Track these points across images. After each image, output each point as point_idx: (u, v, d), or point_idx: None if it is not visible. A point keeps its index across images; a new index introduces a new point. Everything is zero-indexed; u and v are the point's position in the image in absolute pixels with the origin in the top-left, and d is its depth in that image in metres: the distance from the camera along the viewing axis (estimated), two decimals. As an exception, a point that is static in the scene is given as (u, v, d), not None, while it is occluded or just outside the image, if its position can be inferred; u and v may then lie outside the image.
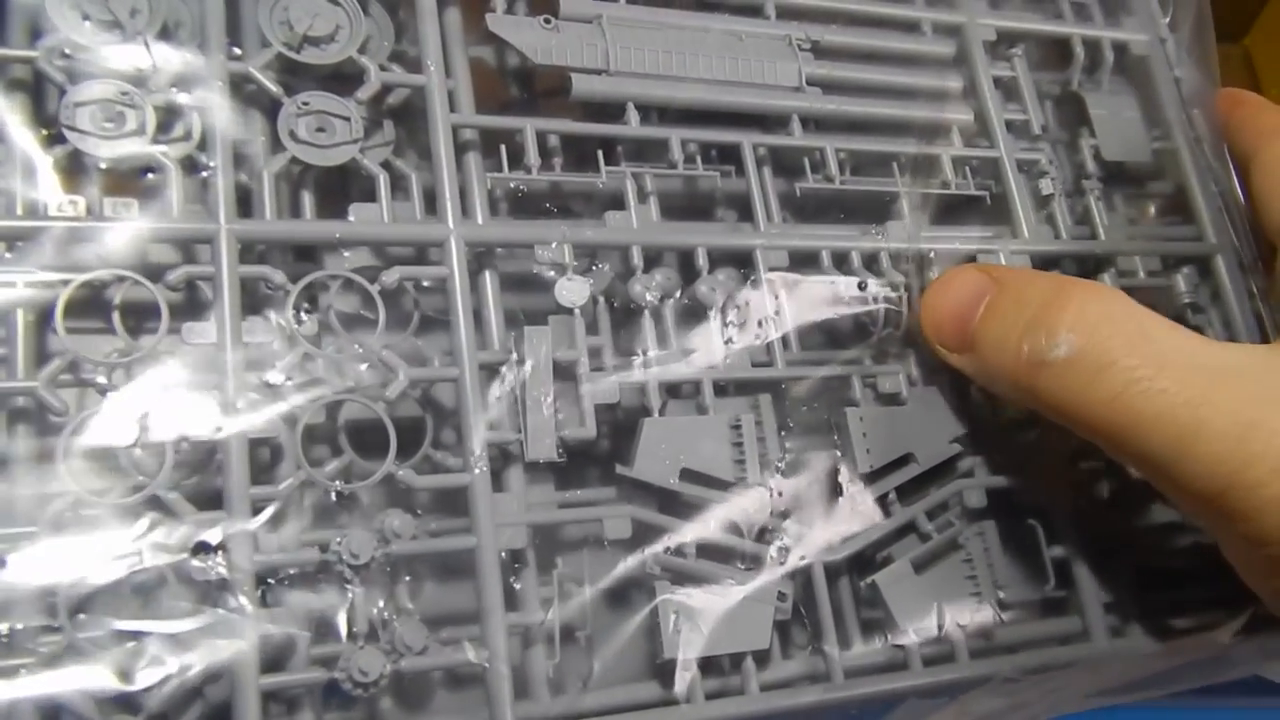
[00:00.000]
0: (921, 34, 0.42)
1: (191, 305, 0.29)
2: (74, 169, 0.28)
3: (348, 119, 0.31)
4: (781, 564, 0.33)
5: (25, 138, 0.28)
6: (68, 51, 0.29)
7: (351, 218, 0.31)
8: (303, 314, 0.29)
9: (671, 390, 0.33)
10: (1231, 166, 0.43)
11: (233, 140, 0.30)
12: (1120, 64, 0.45)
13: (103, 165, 0.28)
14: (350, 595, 0.28)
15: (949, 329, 0.33)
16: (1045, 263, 0.40)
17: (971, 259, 0.39)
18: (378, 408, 0.29)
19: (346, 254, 0.31)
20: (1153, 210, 0.45)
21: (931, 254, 0.38)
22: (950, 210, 0.40)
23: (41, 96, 0.30)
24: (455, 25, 0.34)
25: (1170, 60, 0.45)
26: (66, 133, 0.28)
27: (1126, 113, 0.44)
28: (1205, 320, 0.42)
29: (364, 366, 0.29)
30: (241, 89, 0.31)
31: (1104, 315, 0.30)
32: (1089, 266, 0.41)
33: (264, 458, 0.29)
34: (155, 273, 0.28)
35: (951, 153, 0.40)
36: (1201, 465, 0.28)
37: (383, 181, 0.31)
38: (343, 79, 0.32)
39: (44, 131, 0.29)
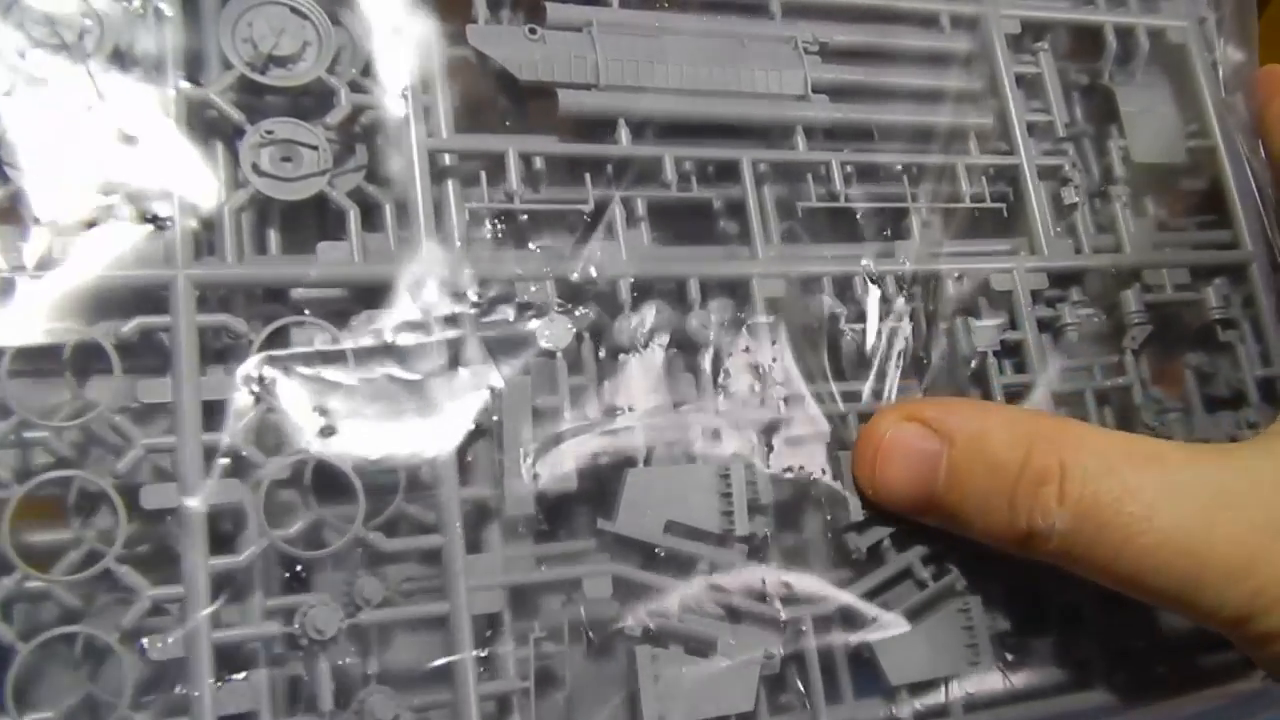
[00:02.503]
0: (938, 29, 0.40)
1: (148, 353, 0.29)
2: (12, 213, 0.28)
3: (316, 148, 0.31)
4: (770, 618, 0.33)
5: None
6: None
7: (318, 258, 0.30)
8: (264, 370, 0.29)
9: (657, 440, 0.33)
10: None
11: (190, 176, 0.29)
12: (1155, 52, 0.44)
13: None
14: (316, 668, 0.28)
15: (903, 499, 0.33)
16: (1066, 279, 0.40)
17: (985, 281, 0.38)
18: (345, 465, 0.29)
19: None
20: (1184, 211, 0.44)
21: (957, 275, 0.37)
22: (964, 222, 0.39)
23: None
24: (433, 36, 0.33)
25: (1209, 42, 0.44)
26: (9, 170, 0.28)
27: (1160, 108, 0.44)
28: (1236, 336, 0.42)
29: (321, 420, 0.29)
30: (201, 117, 0.30)
31: (1086, 475, 0.30)
32: (1112, 281, 0.41)
33: (226, 525, 0.29)
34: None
35: (967, 161, 0.39)
36: (1212, 603, 0.29)
37: (353, 217, 0.31)
38: (312, 100, 0.31)
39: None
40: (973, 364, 0.38)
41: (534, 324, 0.32)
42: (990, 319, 0.38)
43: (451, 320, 0.31)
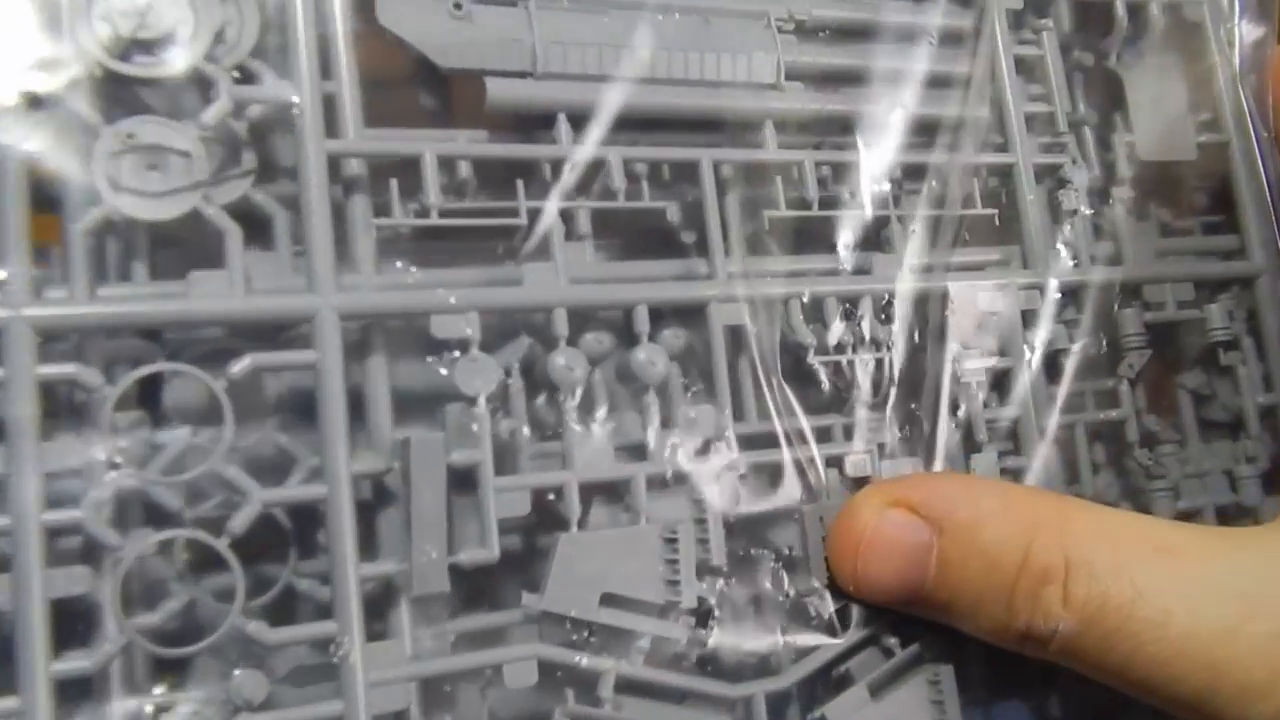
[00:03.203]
0: (930, 2, 0.36)
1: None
2: None
3: (188, 154, 0.26)
4: (719, 697, 0.29)
5: None
6: None
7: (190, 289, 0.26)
8: (124, 433, 0.24)
9: (598, 490, 0.29)
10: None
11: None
12: (1168, 30, 0.39)
13: None
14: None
15: (889, 595, 0.30)
16: (1061, 296, 0.36)
17: (973, 301, 0.34)
18: (220, 544, 0.25)
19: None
20: (1189, 213, 0.41)
21: (943, 294, 0.33)
22: (952, 230, 0.35)
23: None
24: (338, 13, 0.28)
25: (1225, 13, 0.40)
26: None
27: (1171, 97, 0.39)
28: (1238, 358, 0.38)
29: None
30: (48, 117, 0.25)
31: (1093, 574, 0.27)
32: (1111, 299, 0.37)
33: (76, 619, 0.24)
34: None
35: (959, 160, 0.35)
36: (1236, 713, 0.26)
37: (233, 239, 0.26)
38: (188, 94, 0.26)
39: None
40: (958, 397, 0.34)
41: (454, 365, 0.27)
42: (976, 345, 0.34)
43: (354, 362, 0.26)
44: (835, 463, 0.32)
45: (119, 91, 0.26)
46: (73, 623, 0.24)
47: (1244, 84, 0.40)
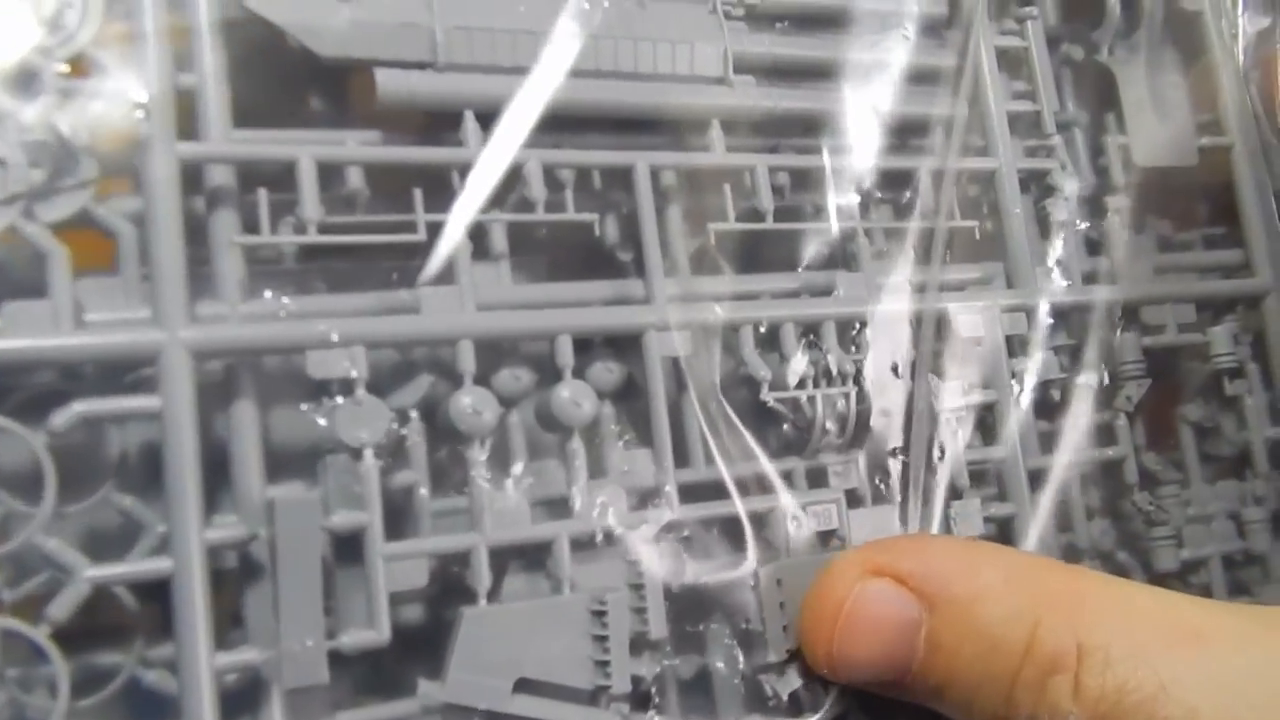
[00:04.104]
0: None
1: None
2: None
3: (2, 162, 0.21)
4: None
5: None
6: None
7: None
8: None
9: (513, 554, 0.25)
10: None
11: None
12: (1165, 22, 0.35)
13: None
14: None
15: (869, 676, 0.25)
16: (1052, 316, 0.32)
17: (951, 327, 0.30)
18: (37, 633, 0.20)
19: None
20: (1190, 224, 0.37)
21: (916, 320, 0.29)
22: (926, 245, 0.31)
23: None
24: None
25: (1227, 3, 0.36)
26: None
27: (1168, 97, 0.35)
28: (1244, 387, 0.35)
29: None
30: None
31: (1109, 662, 0.23)
32: (1106, 322, 0.33)
33: None
34: None
35: (932, 165, 0.31)
36: None
37: (57, 261, 0.21)
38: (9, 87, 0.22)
39: None
40: (934, 435, 0.29)
41: (334, 411, 0.23)
42: (957, 377, 0.30)
43: (218, 410, 0.22)
44: (797, 516, 0.28)
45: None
46: None
47: (1248, 81, 0.36)
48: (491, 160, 0.26)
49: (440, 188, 0.26)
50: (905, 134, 0.31)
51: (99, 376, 0.23)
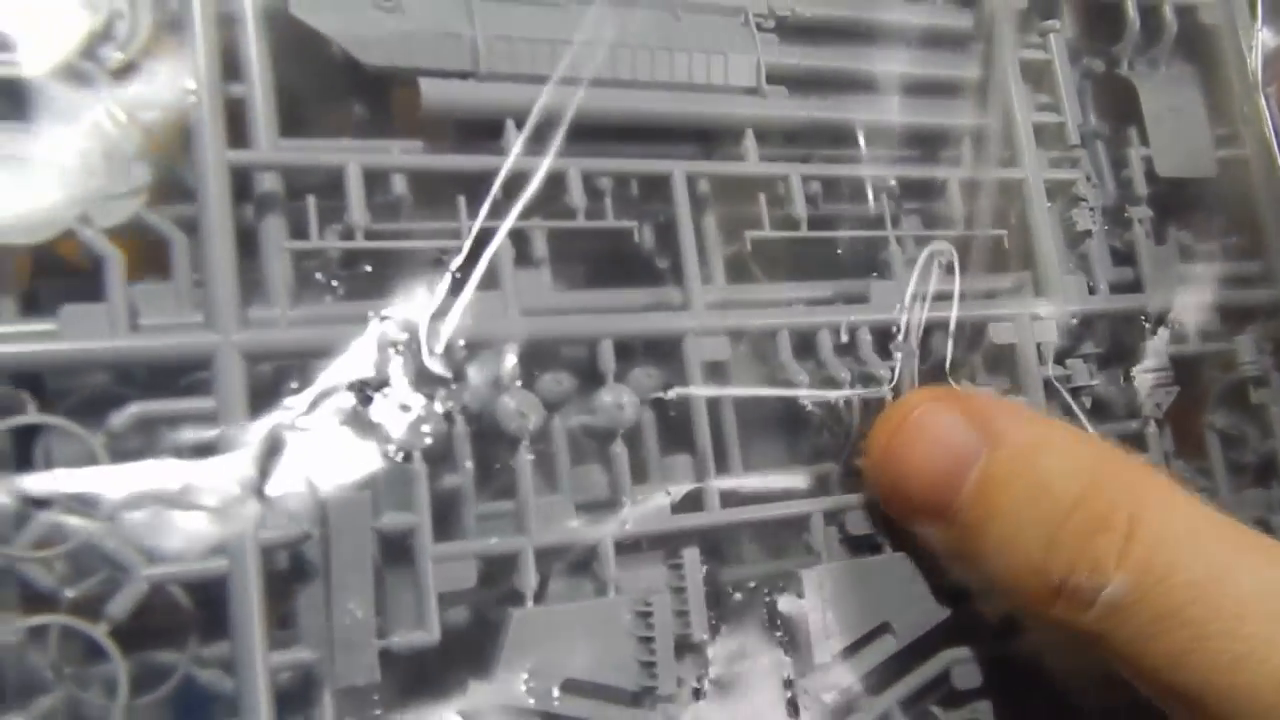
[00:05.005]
0: (928, 2, 0.32)
1: None
2: None
3: (62, 166, 0.22)
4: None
5: None
6: None
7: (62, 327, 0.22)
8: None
9: (557, 555, 0.25)
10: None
11: None
12: (1183, 36, 0.36)
13: None
14: None
15: (913, 495, 0.26)
16: (1080, 324, 0.32)
17: (980, 330, 0.30)
18: (96, 631, 0.21)
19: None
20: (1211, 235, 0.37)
21: (948, 327, 0.30)
22: (958, 253, 0.31)
23: None
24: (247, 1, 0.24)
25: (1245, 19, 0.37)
26: None
27: (1187, 108, 0.36)
28: (1270, 396, 0.35)
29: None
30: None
31: (1161, 540, 0.23)
32: (1132, 330, 0.33)
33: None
34: None
35: (961, 175, 0.32)
36: None
37: (114, 267, 0.22)
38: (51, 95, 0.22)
39: None
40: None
41: (382, 414, 0.23)
42: (989, 382, 0.30)
43: (262, 412, 0.22)
44: (834, 519, 0.28)
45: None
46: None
47: (1265, 95, 0.37)
48: (532, 168, 0.26)
49: (482, 195, 0.26)
50: (933, 145, 0.32)
51: (152, 380, 0.23)
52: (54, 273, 0.23)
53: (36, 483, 0.21)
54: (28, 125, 0.22)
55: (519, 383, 0.25)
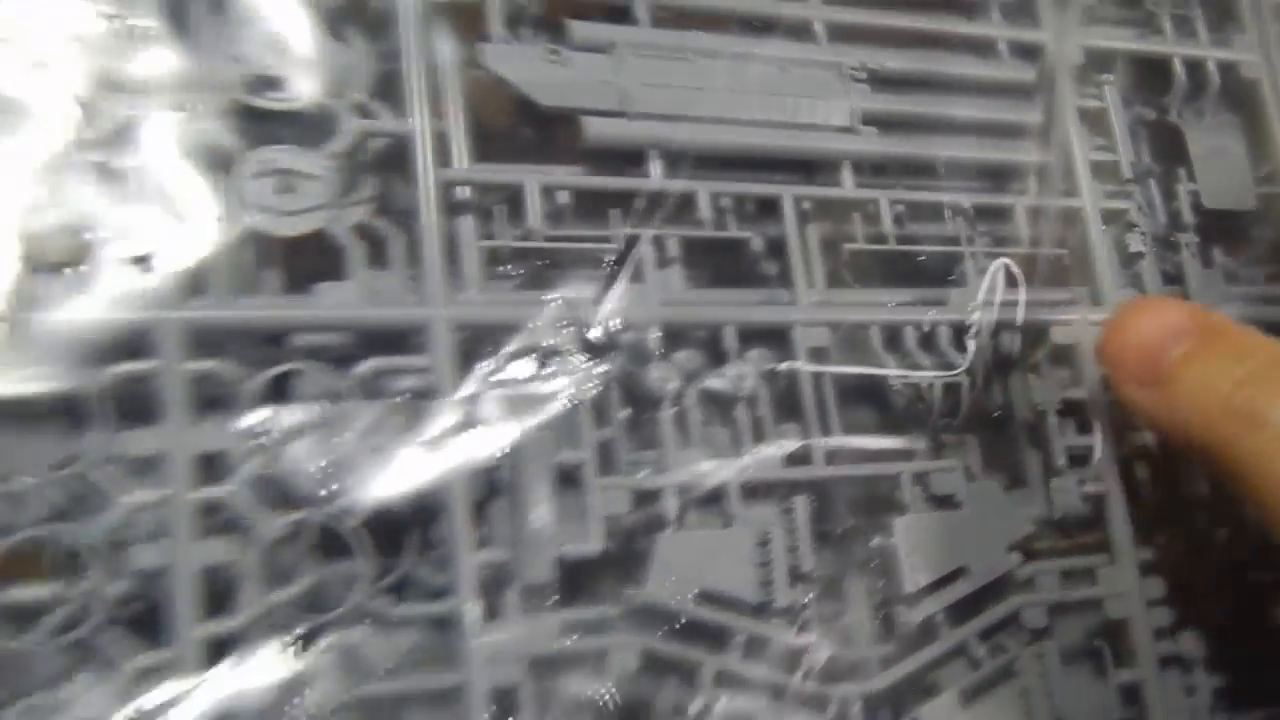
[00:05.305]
0: (996, 57, 0.39)
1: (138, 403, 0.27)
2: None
3: (317, 178, 0.29)
4: (811, 697, 0.31)
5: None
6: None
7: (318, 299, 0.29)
8: (262, 422, 0.27)
9: (692, 493, 0.31)
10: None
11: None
12: (1225, 88, 0.42)
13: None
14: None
15: (1133, 358, 0.32)
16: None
17: (1043, 331, 0.36)
18: (344, 527, 0.27)
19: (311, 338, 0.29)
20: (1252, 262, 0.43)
21: (1016, 327, 0.36)
22: (1023, 269, 0.37)
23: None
24: (452, 56, 0.32)
25: (1281, 80, 0.43)
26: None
27: (1230, 150, 0.42)
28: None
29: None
30: (194, 144, 0.28)
31: None
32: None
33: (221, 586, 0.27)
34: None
35: (1026, 202, 0.38)
36: None
37: (355, 255, 0.29)
38: (310, 128, 0.30)
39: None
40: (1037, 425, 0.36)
41: (555, 376, 0.30)
42: (1051, 376, 0.36)
43: (466, 369, 0.29)
44: (920, 480, 0.34)
45: (251, 123, 0.29)
46: (218, 589, 0.27)
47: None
48: (669, 188, 0.33)
49: (628, 209, 0.33)
50: (1002, 177, 0.38)
51: (372, 344, 0.30)
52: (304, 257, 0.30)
53: (295, 414, 0.28)
54: (298, 148, 0.29)
55: (660, 355, 0.32)
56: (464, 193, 0.31)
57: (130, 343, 0.27)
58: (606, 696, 0.29)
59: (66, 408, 0.26)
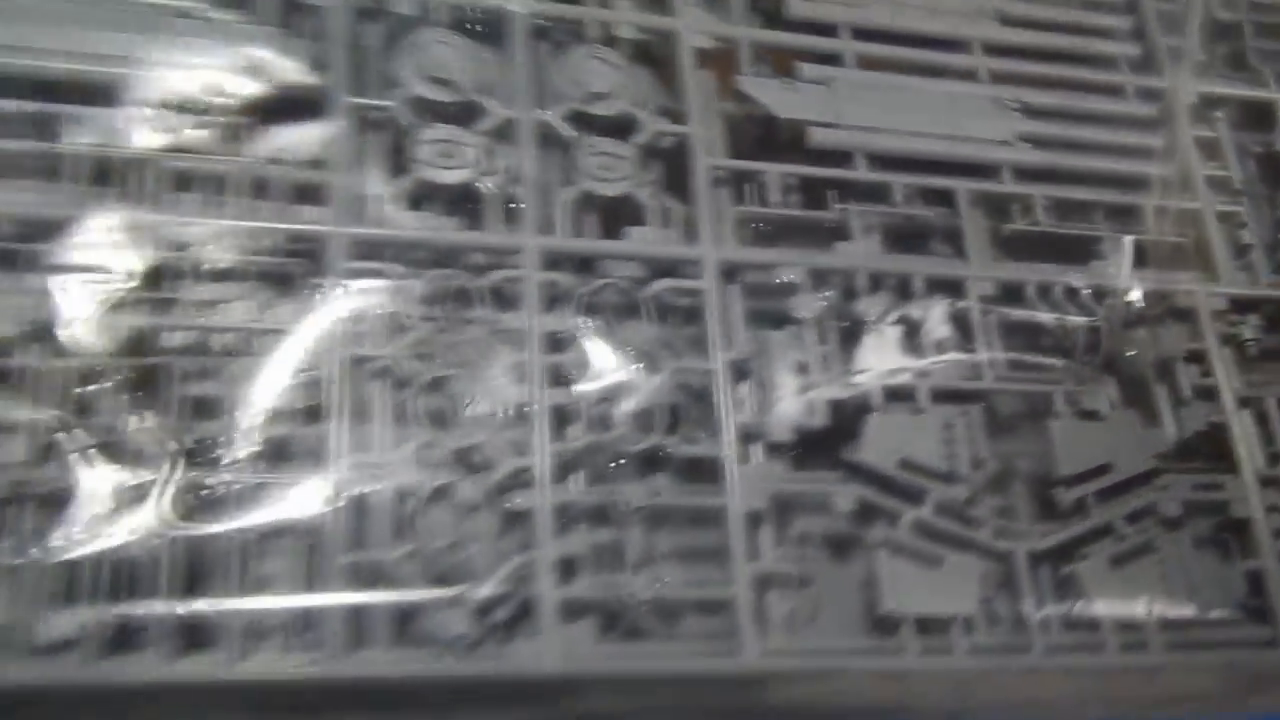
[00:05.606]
0: (1126, 97, 0.50)
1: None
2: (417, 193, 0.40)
3: (625, 159, 0.42)
4: (986, 547, 0.41)
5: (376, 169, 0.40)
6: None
7: (627, 238, 0.42)
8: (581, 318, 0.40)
9: (892, 396, 0.42)
10: None
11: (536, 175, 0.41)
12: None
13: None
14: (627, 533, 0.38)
15: None
16: (1244, 306, 0.48)
17: (1168, 295, 0.46)
18: (652, 386, 0.39)
19: (622, 269, 0.42)
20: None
21: (1146, 292, 0.46)
22: (1151, 253, 0.48)
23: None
24: (710, 86, 0.45)
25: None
26: (414, 164, 0.40)
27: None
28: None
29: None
30: (544, 135, 0.42)
31: None
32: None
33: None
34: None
35: (1153, 203, 0.49)
36: None
37: (651, 210, 0.42)
38: (621, 127, 0.43)
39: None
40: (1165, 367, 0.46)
41: (792, 298, 0.42)
42: (1176, 330, 0.46)
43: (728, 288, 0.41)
44: (1070, 398, 0.44)
45: (583, 124, 0.43)
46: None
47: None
48: (870, 179, 0.45)
49: (839, 191, 0.45)
50: (1133, 185, 0.49)
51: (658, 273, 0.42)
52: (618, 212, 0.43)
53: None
54: (614, 139, 0.43)
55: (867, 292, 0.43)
56: (721, 175, 0.44)
57: (499, 257, 0.40)
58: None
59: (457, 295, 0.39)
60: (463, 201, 0.41)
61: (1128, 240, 0.47)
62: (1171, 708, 0.41)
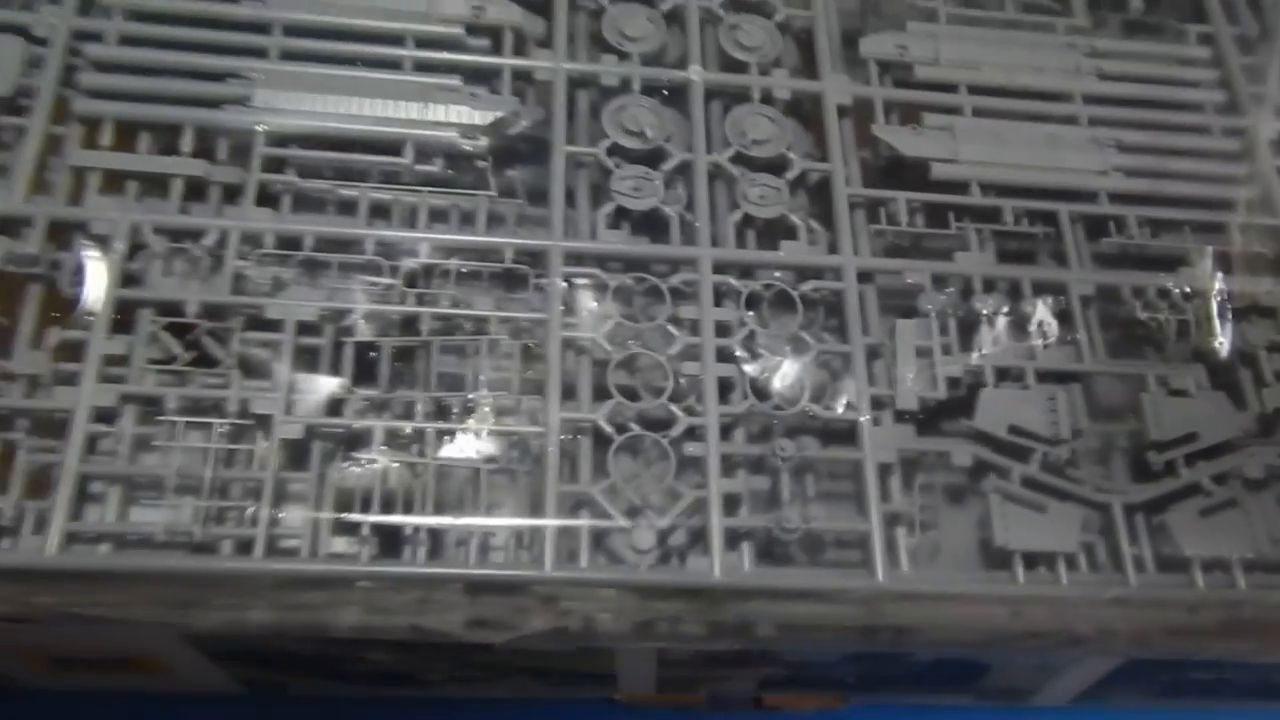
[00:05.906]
0: (1212, 134, 0.59)
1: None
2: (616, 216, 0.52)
3: (779, 189, 0.53)
4: (1085, 498, 0.49)
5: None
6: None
7: (782, 251, 0.52)
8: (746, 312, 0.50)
9: (1002, 375, 0.51)
10: None
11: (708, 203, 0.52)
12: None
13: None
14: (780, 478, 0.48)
15: None
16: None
17: (1251, 294, 0.54)
18: (799, 365, 0.50)
19: (776, 273, 0.52)
20: None
21: (1231, 293, 0.54)
22: (1235, 262, 0.56)
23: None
24: (849, 131, 0.56)
25: None
26: (614, 195, 0.52)
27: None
28: None
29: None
30: (713, 173, 0.53)
31: None
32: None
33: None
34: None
35: (1238, 220, 0.57)
36: None
37: (802, 229, 0.53)
38: (776, 166, 0.54)
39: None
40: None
41: (918, 296, 0.52)
42: (1260, 324, 0.54)
43: (864, 288, 0.52)
44: (1161, 380, 0.53)
45: (744, 163, 0.54)
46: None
47: None
48: (985, 204, 0.55)
49: (958, 215, 0.55)
50: (1219, 206, 0.58)
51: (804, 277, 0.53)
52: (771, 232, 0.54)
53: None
54: (770, 176, 0.54)
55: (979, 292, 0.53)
56: (858, 201, 0.54)
57: (678, 264, 0.51)
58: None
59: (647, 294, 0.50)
60: (651, 223, 0.52)
61: (1209, 250, 0.55)
62: (1251, 640, 0.48)
